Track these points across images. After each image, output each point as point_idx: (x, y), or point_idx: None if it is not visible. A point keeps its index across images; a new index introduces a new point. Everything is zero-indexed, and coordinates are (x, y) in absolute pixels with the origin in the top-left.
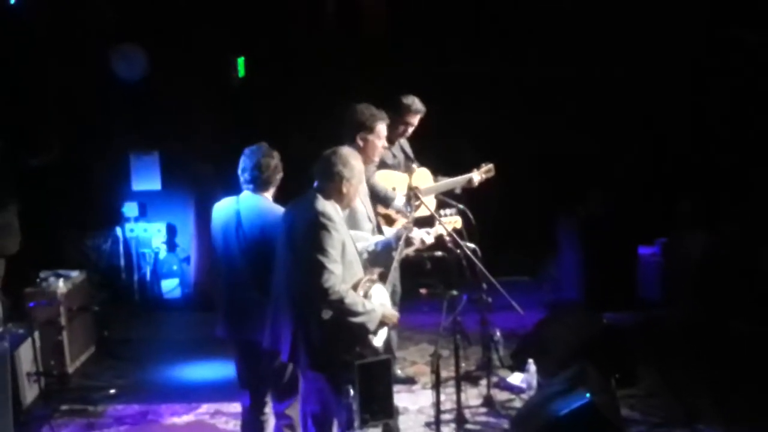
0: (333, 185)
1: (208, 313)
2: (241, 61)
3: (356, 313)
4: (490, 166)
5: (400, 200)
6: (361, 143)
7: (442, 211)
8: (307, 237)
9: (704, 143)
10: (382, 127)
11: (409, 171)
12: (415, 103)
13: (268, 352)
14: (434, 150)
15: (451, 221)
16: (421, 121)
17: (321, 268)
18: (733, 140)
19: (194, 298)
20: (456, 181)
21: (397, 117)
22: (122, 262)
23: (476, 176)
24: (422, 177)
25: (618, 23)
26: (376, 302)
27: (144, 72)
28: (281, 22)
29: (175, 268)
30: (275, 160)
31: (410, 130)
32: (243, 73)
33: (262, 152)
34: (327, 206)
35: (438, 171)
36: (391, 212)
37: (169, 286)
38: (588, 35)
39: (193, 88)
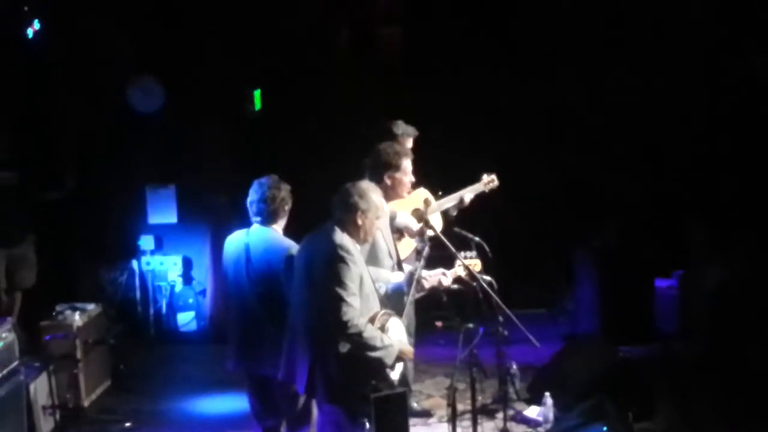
0: (349, 217)
1: (223, 346)
2: (257, 93)
3: (374, 348)
4: (493, 176)
5: (401, 218)
6: (389, 182)
7: (462, 253)
8: (325, 270)
9: (717, 170)
10: (407, 164)
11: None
12: (404, 128)
13: (281, 383)
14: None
15: (470, 264)
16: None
17: (339, 302)
18: (748, 166)
19: (210, 331)
20: (457, 196)
21: None
22: (138, 295)
23: (478, 189)
24: (422, 198)
25: (631, 45)
26: (393, 337)
27: (160, 105)
28: (297, 54)
29: (191, 301)
30: (283, 192)
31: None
32: (259, 105)
33: (270, 184)
34: (345, 239)
35: (437, 189)
36: (395, 234)
37: (185, 319)
38: (600, 58)
39: (210, 120)
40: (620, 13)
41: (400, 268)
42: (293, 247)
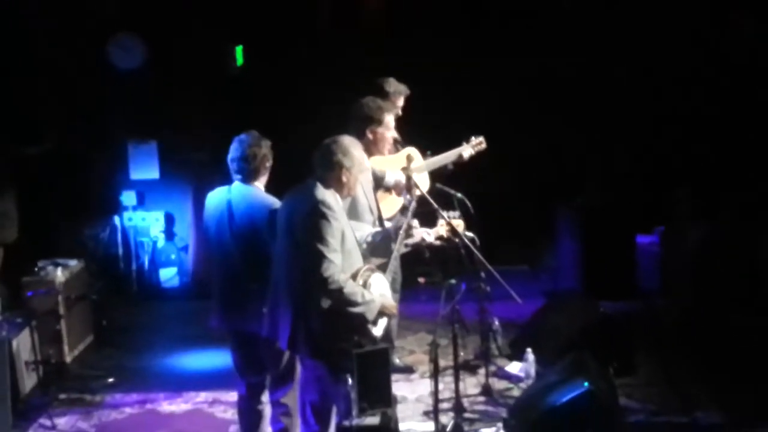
0: (332, 174)
1: (206, 301)
2: (239, 49)
3: (355, 303)
4: (481, 138)
5: (390, 176)
6: (371, 136)
7: (445, 213)
8: (306, 226)
9: (703, 132)
10: (390, 119)
11: (396, 152)
12: (396, 86)
13: (265, 340)
14: (428, 133)
15: (455, 224)
16: (409, 105)
17: (320, 258)
18: (733, 129)
19: (192, 287)
20: (446, 157)
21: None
22: (120, 251)
23: (466, 151)
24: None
25: (616, 15)
26: (375, 292)
27: (141, 61)
28: (280, 11)
29: (173, 257)
30: (263, 149)
31: (398, 113)
32: (241, 61)
33: (250, 141)
34: (327, 195)
35: (427, 149)
36: (386, 194)
37: (168, 275)
38: (588, 27)
39: (191, 76)
40: None
41: (381, 224)
42: (276, 203)
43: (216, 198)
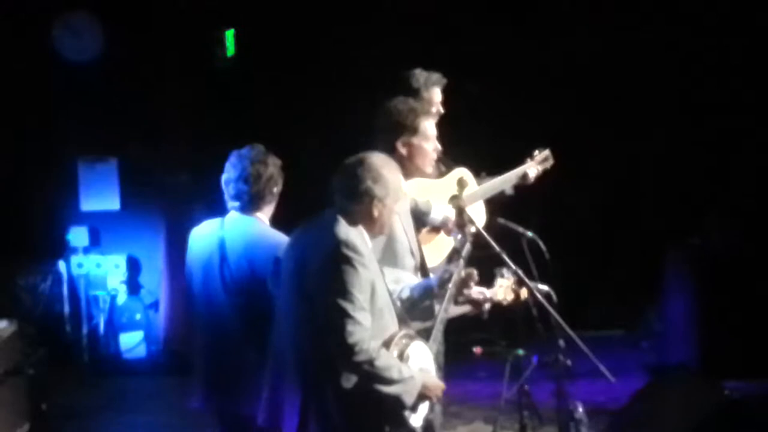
0: (360, 207)
1: (182, 378)
2: (230, 34)
3: (389, 381)
4: (546, 152)
5: (438, 213)
6: (404, 151)
7: (503, 270)
8: (324, 275)
9: None
10: (428, 125)
11: (441, 174)
12: (425, 76)
13: (264, 428)
14: (472, 143)
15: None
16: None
17: (343, 318)
18: None
19: (164, 358)
20: (505, 180)
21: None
22: (67, 308)
23: (531, 169)
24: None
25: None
26: (414, 367)
27: (97, 49)
28: None
29: (138, 317)
30: (271, 167)
31: (435, 114)
32: (233, 51)
33: (253, 158)
34: (351, 234)
35: (480, 169)
36: (431, 233)
37: (130, 341)
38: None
39: (165, 72)
40: None
41: (424, 274)
42: (284, 243)
43: (204, 235)
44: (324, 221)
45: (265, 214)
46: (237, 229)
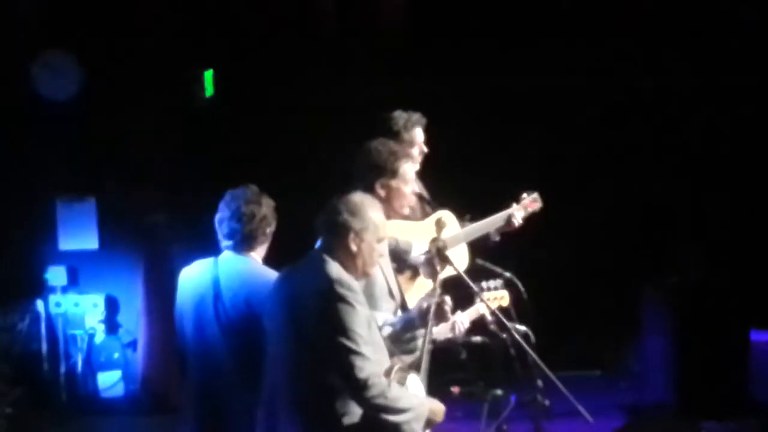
0: (339, 241)
1: (161, 416)
2: (209, 75)
3: (402, 410)
4: (535, 195)
5: (418, 251)
6: (382, 192)
7: (484, 283)
8: (322, 316)
9: None
10: (407, 167)
11: (425, 216)
12: (404, 117)
13: None
14: (458, 184)
15: (496, 296)
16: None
17: (350, 356)
18: None
19: (142, 397)
20: (490, 223)
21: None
22: (44, 347)
23: (517, 212)
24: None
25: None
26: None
27: (76, 90)
28: (265, 24)
29: (116, 356)
30: (264, 208)
31: (418, 155)
32: (211, 91)
33: (246, 197)
34: (343, 272)
35: (464, 211)
36: (411, 278)
37: (109, 381)
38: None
39: (143, 112)
40: None
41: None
42: None
43: (196, 275)
44: (311, 262)
45: (258, 254)
46: (232, 268)
